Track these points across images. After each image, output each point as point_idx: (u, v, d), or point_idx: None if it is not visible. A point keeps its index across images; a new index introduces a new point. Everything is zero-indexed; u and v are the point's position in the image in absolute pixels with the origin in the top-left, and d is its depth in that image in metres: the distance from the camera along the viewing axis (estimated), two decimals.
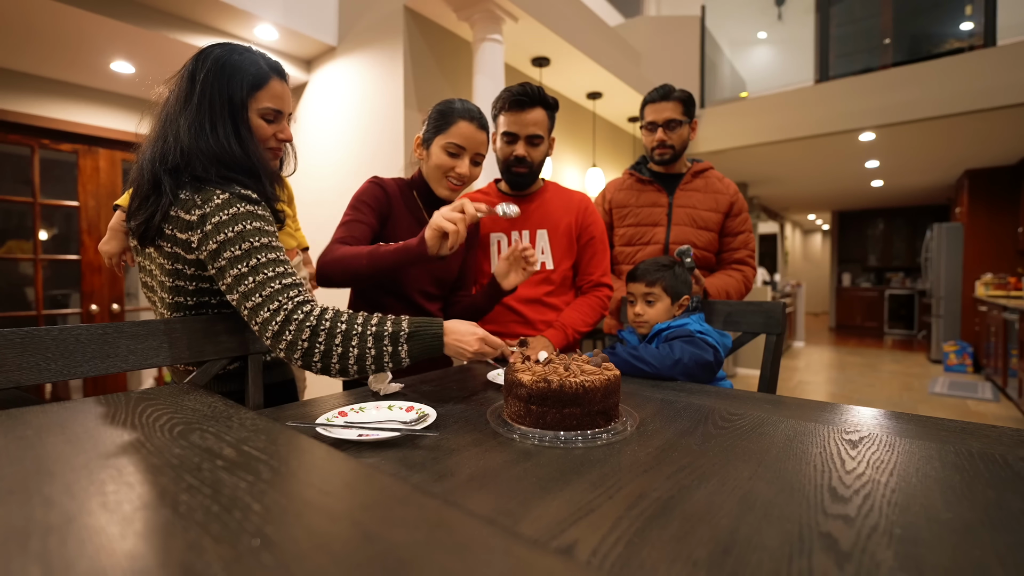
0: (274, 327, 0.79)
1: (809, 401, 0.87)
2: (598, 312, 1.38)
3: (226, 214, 0.81)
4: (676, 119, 1.58)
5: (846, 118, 4.00)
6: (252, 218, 0.83)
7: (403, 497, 0.35)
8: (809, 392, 4.39)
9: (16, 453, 0.43)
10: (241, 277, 0.80)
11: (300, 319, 0.79)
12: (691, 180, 1.64)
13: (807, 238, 11.91)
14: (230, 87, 0.87)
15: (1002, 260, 5.39)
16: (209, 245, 0.81)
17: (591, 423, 0.71)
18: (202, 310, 0.93)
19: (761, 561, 0.38)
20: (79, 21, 2.17)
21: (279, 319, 0.79)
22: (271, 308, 0.79)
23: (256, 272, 0.80)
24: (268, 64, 0.92)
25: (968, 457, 0.59)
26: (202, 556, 0.27)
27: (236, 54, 0.89)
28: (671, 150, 1.60)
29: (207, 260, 0.82)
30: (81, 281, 2.88)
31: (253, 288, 0.80)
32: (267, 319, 0.79)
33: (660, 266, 1.25)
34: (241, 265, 0.80)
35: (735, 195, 1.64)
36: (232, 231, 0.81)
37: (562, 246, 1.39)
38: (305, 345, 0.79)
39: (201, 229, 0.81)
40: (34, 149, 2.72)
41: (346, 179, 2.73)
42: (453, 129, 1.15)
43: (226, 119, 0.87)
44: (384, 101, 2.51)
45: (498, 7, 2.43)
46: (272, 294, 0.80)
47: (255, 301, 0.80)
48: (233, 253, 0.80)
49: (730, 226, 1.63)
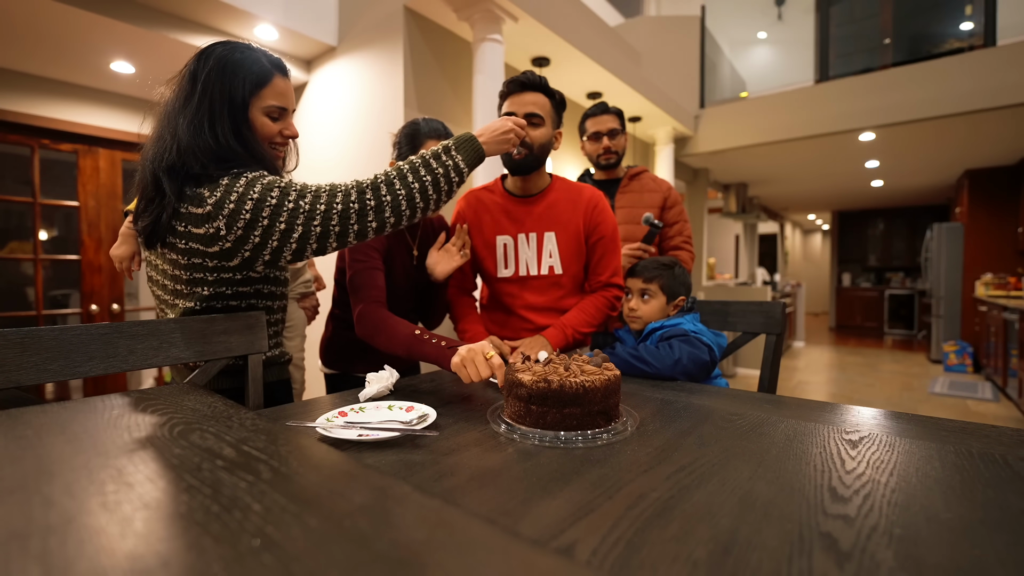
0: (352, 219, 0.87)
1: (809, 401, 0.87)
2: (603, 313, 1.32)
3: (240, 186, 0.83)
4: (616, 128, 1.82)
5: (846, 118, 4.00)
6: (263, 177, 0.86)
7: (403, 497, 0.35)
8: (809, 392, 4.39)
9: (16, 453, 0.43)
10: (296, 211, 0.85)
11: (362, 194, 0.89)
12: (628, 183, 1.86)
13: (807, 238, 11.91)
14: (232, 85, 0.87)
15: (1002, 260, 5.39)
16: (242, 216, 0.83)
17: (591, 423, 0.71)
18: (214, 301, 0.93)
19: (761, 561, 0.38)
20: (79, 21, 2.17)
21: (352, 211, 0.87)
22: (335, 213, 0.86)
23: (303, 195, 0.86)
24: (271, 61, 0.92)
25: (968, 457, 0.59)
26: (202, 556, 0.27)
27: (238, 52, 0.89)
28: (615, 155, 1.84)
29: (243, 234, 0.84)
30: (81, 281, 2.88)
31: (309, 213, 0.85)
32: (338, 221, 0.87)
33: (660, 265, 1.27)
34: (288, 203, 0.85)
35: (668, 191, 1.85)
36: (255, 192, 0.83)
37: (571, 248, 1.32)
38: (384, 201, 0.89)
39: (221, 214, 0.82)
40: (34, 149, 2.72)
41: (346, 179, 2.72)
42: (422, 150, 1.15)
43: (226, 117, 0.87)
44: (384, 101, 2.51)
45: (498, 7, 2.43)
46: (327, 208, 0.86)
47: (317, 220, 0.85)
48: (270, 202, 0.84)
49: (665, 218, 1.83)
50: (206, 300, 0.92)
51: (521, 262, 1.33)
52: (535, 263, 1.32)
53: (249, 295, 0.98)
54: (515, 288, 1.34)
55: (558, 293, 1.34)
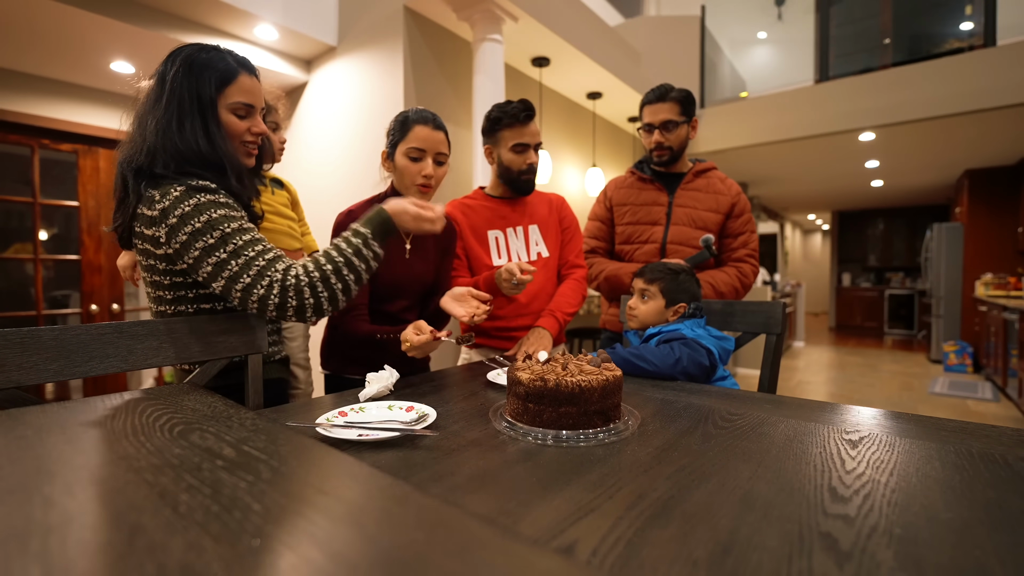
0: (274, 299, 0.84)
1: (809, 401, 0.87)
2: (579, 293, 1.51)
3: (188, 205, 0.83)
4: (673, 120, 1.56)
5: (846, 118, 4.00)
6: (216, 206, 0.85)
7: (403, 497, 0.35)
8: (809, 392, 4.39)
9: (16, 453, 0.43)
10: (222, 263, 0.83)
11: (294, 283, 0.85)
12: (692, 180, 1.63)
13: (807, 238, 11.91)
14: (199, 84, 0.89)
15: (1002, 260, 5.39)
16: (179, 237, 0.83)
17: (588, 423, 0.71)
18: (181, 305, 0.94)
19: (761, 561, 0.38)
20: (79, 21, 2.17)
21: (275, 291, 0.84)
22: (263, 284, 0.84)
23: (237, 255, 0.84)
24: (236, 60, 0.94)
25: (968, 457, 0.59)
26: (202, 556, 0.27)
27: (204, 52, 0.91)
28: (669, 151, 1.60)
29: (178, 253, 0.85)
30: (81, 281, 2.88)
31: (239, 270, 0.83)
32: (263, 295, 0.84)
33: (666, 269, 1.26)
34: (219, 252, 0.83)
35: (737, 196, 1.62)
36: (199, 221, 0.83)
37: (552, 237, 1.55)
38: (311, 301, 0.86)
39: (164, 223, 0.83)
40: (34, 149, 2.72)
41: (346, 179, 2.73)
42: (411, 135, 1.20)
43: (195, 116, 0.89)
44: (384, 101, 2.51)
45: (498, 7, 2.44)
46: (260, 271, 0.84)
47: (245, 282, 0.84)
48: (206, 242, 0.83)
49: (731, 227, 1.62)
50: (171, 304, 0.94)
51: (513, 251, 1.52)
52: (524, 251, 1.52)
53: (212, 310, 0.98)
54: None
55: (545, 275, 1.52)
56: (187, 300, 0.93)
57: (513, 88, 3.09)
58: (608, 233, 1.75)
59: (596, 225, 1.77)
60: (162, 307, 0.94)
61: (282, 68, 2.81)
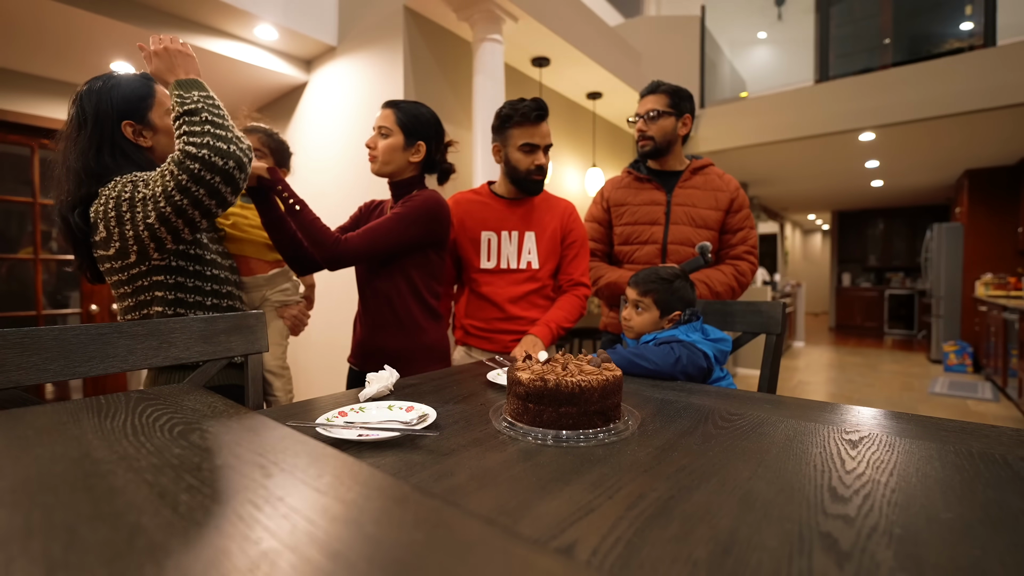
0: (193, 188, 0.89)
1: (809, 401, 0.87)
2: (578, 310, 1.48)
3: (107, 188, 0.92)
4: (657, 109, 1.56)
5: (846, 118, 4.00)
6: (127, 179, 0.93)
7: (403, 497, 0.35)
8: (809, 392, 4.39)
9: (16, 453, 0.43)
10: (145, 198, 0.90)
11: (181, 164, 0.90)
12: (690, 177, 1.62)
13: (807, 238, 11.91)
14: (113, 106, 0.96)
15: (1002, 260, 5.39)
16: (108, 218, 0.90)
17: (588, 423, 0.71)
18: (141, 295, 0.99)
19: (761, 561, 0.38)
20: (79, 21, 2.17)
21: (184, 183, 0.89)
22: (173, 191, 0.90)
23: (144, 188, 0.91)
24: (145, 76, 1.03)
25: (968, 457, 0.59)
26: (202, 556, 0.27)
27: (113, 79, 0.99)
28: (651, 141, 1.59)
29: (118, 230, 0.91)
30: (81, 281, 2.88)
31: (154, 197, 0.90)
32: (180, 196, 0.90)
33: (658, 278, 1.23)
34: (137, 193, 0.90)
35: (736, 191, 1.60)
36: (115, 190, 0.91)
37: (547, 248, 1.50)
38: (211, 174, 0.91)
39: (106, 227, 0.91)
40: (34, 149, 2.72)
41: (345, 179, 2.73)
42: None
43: (111, 138, 0.96)
44: (384, 101, 2.51)
45: (498, 7, 2.43)
46: (164, 191, 0.89)
47: (163, 202, 0.90)
48: (124, 195, 0.90)
49: (730, 223, 1.60)
50: (135, 311, 0.99)
51: (503, 256, 1.49)
52: (515, 257, 1.49)
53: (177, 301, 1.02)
54: (495, 279, 1.49)
55: (532, 286, 1.50)
56: (145, 289, 0.98)
57: (513, 88, 3.09)
58: (606, 235, 1.74)
59: (594, 227, 1.75)
60: (127, 308, 1.00)
61: (282, 68, 2.81)
